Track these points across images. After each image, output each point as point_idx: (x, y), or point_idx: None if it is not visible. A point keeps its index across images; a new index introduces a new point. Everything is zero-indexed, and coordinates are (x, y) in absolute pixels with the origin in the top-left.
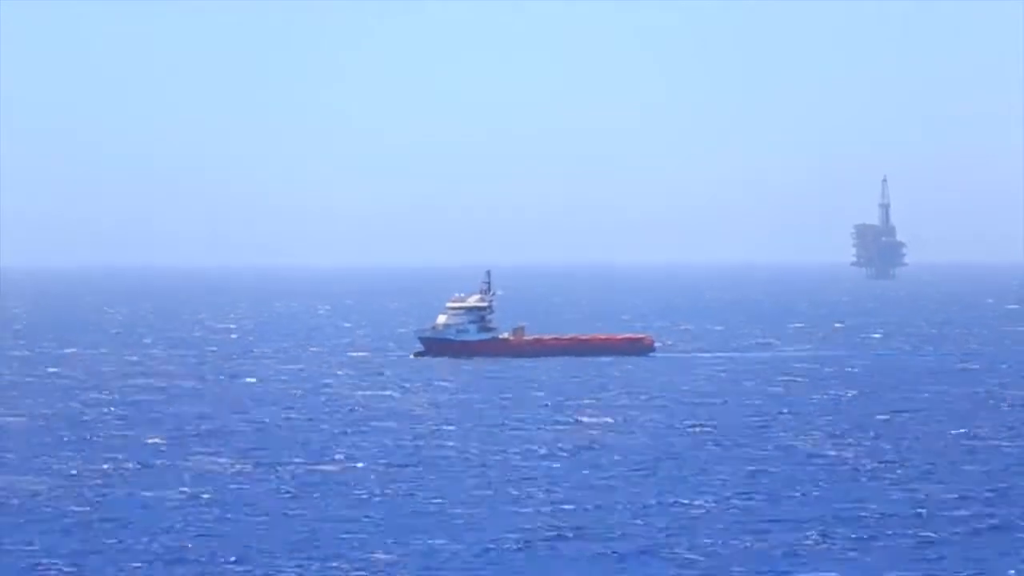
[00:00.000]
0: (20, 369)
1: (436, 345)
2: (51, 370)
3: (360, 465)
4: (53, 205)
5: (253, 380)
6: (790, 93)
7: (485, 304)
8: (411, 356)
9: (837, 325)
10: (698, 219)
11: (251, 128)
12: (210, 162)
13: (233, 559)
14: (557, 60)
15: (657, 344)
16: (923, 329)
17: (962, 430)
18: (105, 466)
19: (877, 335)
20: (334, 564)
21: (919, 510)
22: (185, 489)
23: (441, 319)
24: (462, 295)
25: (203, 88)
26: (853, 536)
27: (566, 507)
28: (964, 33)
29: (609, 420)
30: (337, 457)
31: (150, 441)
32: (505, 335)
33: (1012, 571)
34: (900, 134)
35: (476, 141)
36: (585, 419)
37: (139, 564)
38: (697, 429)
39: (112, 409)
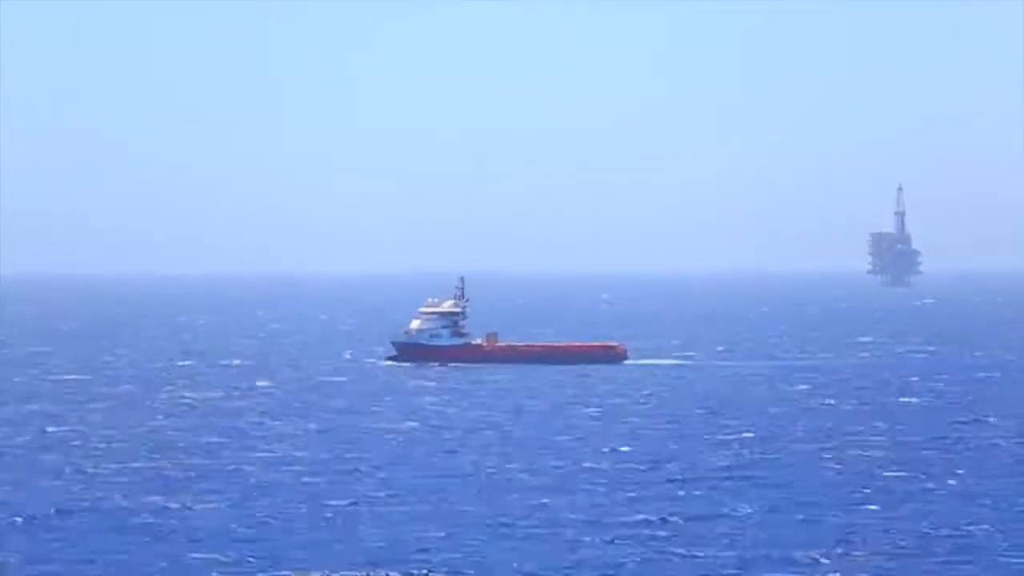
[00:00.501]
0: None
1: (409, 350)
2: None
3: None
4: (51, 206)
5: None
6: (790, 96)
7: (459, 309)
8: (384, 361)
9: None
10: (702, 222)
11: (251, 128)
12: (210, 162)
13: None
14: (557, 60)
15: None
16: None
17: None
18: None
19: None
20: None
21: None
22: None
23: (414, 324)
24: (436, 300)
25: (203, 88)
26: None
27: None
28: (968, 34)
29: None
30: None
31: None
32: (478, 341)
33: None
34: (905, 137)
35: (476, 141)
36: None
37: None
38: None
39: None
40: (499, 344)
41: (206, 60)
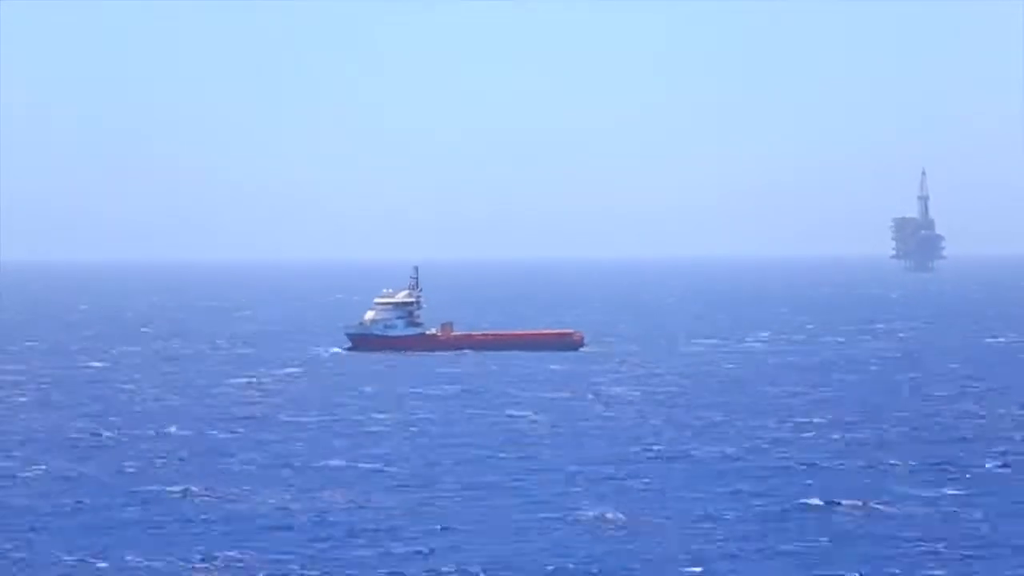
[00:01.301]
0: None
1: (363, 340)
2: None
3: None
4: (52, 199)
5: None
6: (790, 96)
7: (413, 300)
8: (339, 351)
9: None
10: (702, 221)
11: (251, 128)
12: (210, 162)
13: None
14: (557, 60)
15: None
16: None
17: None
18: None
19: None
20: None
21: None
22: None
23: (369, 315)
24: (390, 291)
25: (202, 88)
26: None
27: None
28: (968, 34)
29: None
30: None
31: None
32: (433, 331)
33: None
34: (904, 137)
35: (476, 141)
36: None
37: None
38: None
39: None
40: (454, 334)
41: (206, 60)
